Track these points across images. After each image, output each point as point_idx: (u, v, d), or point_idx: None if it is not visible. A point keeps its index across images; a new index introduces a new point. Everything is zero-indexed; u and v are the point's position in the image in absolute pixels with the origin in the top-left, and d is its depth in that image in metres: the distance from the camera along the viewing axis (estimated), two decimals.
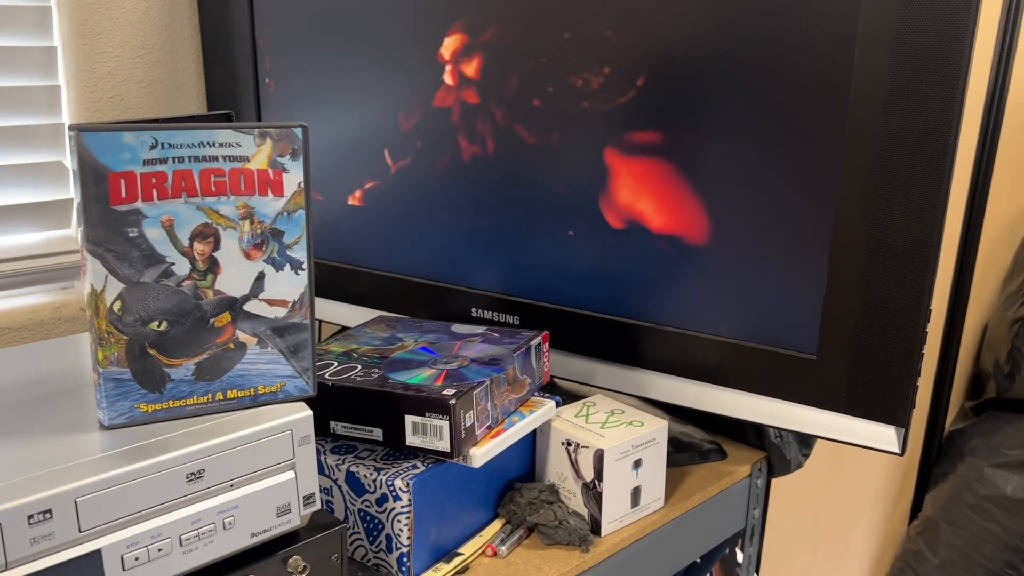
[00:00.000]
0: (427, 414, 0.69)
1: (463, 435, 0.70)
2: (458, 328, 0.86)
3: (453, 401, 0.68)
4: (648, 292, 0.84)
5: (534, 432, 0.82)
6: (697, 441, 0.94)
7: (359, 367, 0.75)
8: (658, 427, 0.80)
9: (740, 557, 1.00)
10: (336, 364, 0.76)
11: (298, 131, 0.56)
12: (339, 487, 0.73)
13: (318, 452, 0.74)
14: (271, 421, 0.57)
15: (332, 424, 0.73)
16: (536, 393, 0.83)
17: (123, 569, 0.51)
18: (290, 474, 0.59)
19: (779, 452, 0.95)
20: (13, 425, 0.56)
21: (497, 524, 0.79)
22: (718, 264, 0.79)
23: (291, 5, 1.01)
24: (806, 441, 0.97)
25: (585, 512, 0.79)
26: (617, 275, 0.86)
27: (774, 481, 1.21)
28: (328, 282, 1.07)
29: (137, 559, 0.52)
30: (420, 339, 0.83)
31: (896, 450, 0.73)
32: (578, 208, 0.86)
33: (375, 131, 0.98)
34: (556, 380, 1.07)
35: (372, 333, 0.86)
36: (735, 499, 0.92)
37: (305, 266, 0.58)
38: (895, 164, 0.68)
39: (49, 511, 0.48)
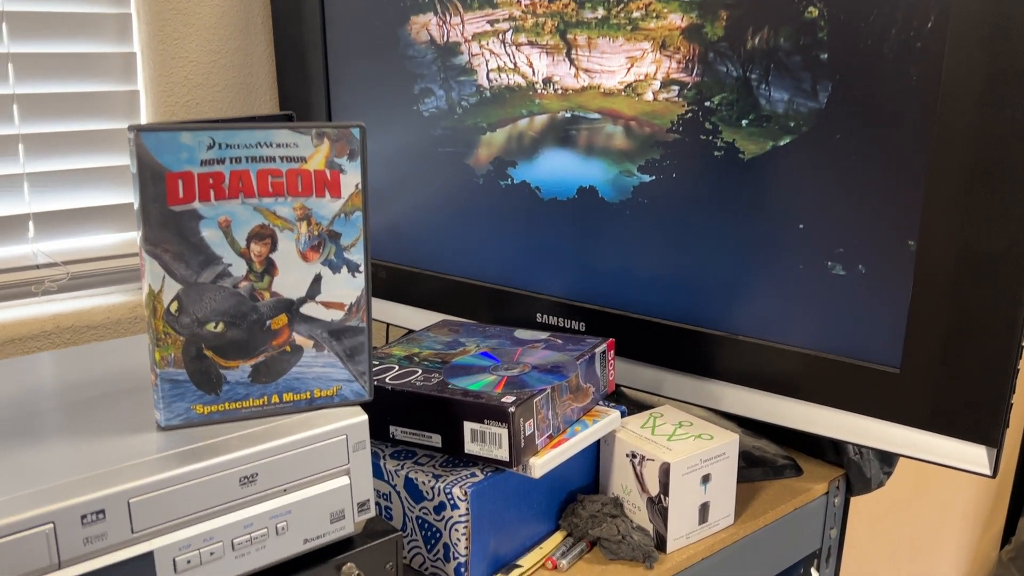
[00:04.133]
0: (486, 421, 0.68)
1: (522, 444, 0.68)
2: (521, 334, 0.85)
3: (512, 409, 0.66)
4: (722, 299, 0.81)
5: (598, 443, 0.80)
6: (771, 456, 0.90)
7: (420, 371, 0.74)
8: (728, 441, 0.77)
9: None
10: (397, 368, 0.76)
11: (356, 132, 0.55)
12: (398, 493, 0.71)
13: (377, 457, 0.73)
14: (326, 426, 0.57)
15: (392, 429, 0.72)
16: (600, 403, 0.80)
17: (175, 572, 0.51)
18: (344, 480, 0.58)
19: (859, 470, 0.90)
20: (74, 423, 0.57)
21: (558, 537, 0.77)
22: (796, 270, 0.76)
23: (362, 7, 1.01)
24: (888, 459, 0.92)
25: (650, 527, 0.76)
26: (689, 281, 0.83)
27: (853, 499, 1.15)
28: (395, 285, 1.07)
29: (189, 562, 0.51)
30: (482, 344, 0.81)
31: (987, 472, 0.68)
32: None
33: (445, 133, 0.97)
34: (623, 389, 1.04)
35: (435, 337, 0.85)
36: (811, 518, 0.88)
37: (362, 268, 0.57)
38: (987, 164, 0.63)
39: (102, 511, 0.48)
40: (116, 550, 0.49)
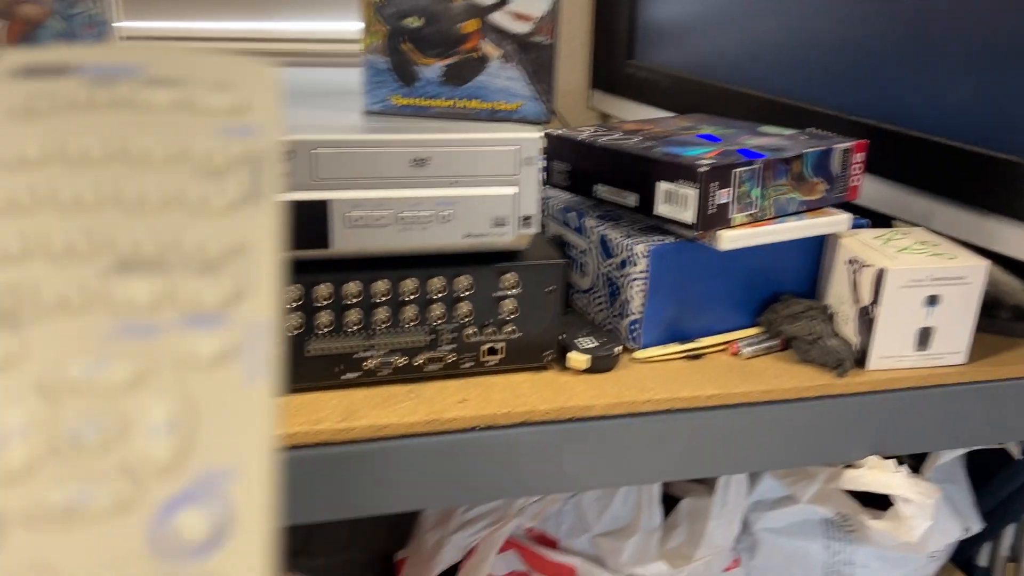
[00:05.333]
0: (678, 181, 0.66)
1: (712, 210, 0.66)
2: (765, 128, 0.80)
3: (704, 169, 0.64)
4: None
5: (822, 250, 0.74)
6: None
7: (638, 139, 0.74)
8: (973, 265, 0.67)
9: None
10: (619, 135, 0.76)
11: None
12: (593, 249, 0.73)
13: (581, 215, 0.75)
14: (501, 133, 0.60)
15: (595, 187, 0.74)
16: (835, 208, 0.74)
17: (345, 226, 0.58)
18: (511, 190, 0.61)
19: None
20: (299, 101, 0.66)
21: (751, 331, 0.73)
22: None
23: None
24: None
25: (856, 341, 0.70)
26: (988, 97, 0.71)
27: None
28: (664, 89, 1.05)
29: (359, 220, 0.59)
30: (717, 130, 0.78)
31: None
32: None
33: None
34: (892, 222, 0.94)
35: (674, 121, 0.83)
36: None
37: None
38: None
39: (293, 151, 0.56)
40: (300, 190, 0.57)
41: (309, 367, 0.61)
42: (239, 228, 0.18)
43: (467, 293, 0.63)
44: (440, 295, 0.62)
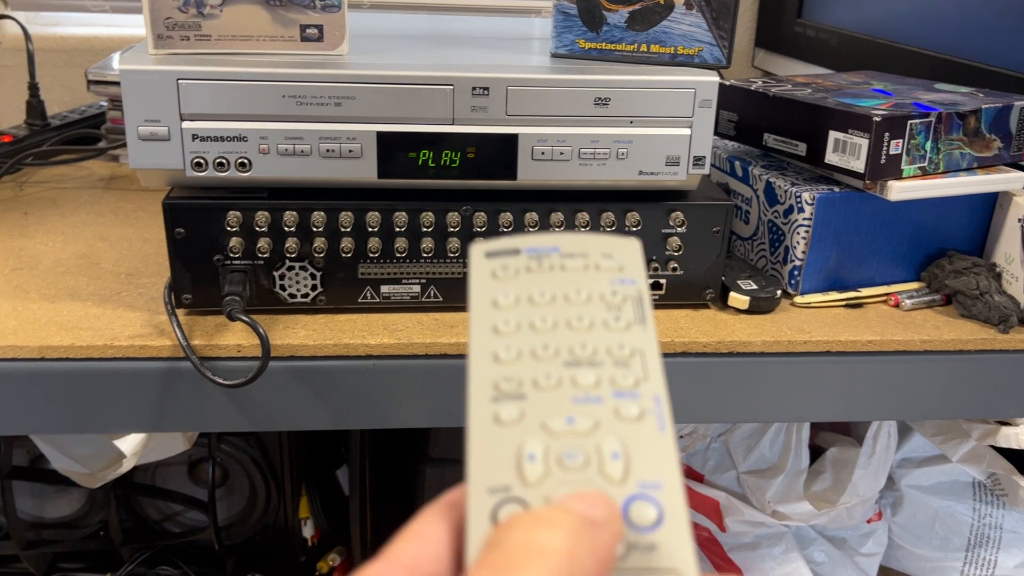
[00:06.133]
0: (850, 131, 0.68)
1: (883, 161, 0.67)
2: (941, 86, 0.79)
3: (878, 118, 0.65)
4: None
5: (992, 208, 0.74)
6: None
7: (809, 91, 0.76)
8: None
9: None
10: (790, 87, 0.78)
11: None
12: (757, 196, 0.76)
13: (748, 164, 0.77)
14: (680, 76, 0.63)
15: (765, 136, 0.76)
16: (1008, 166, 0.73)
17: (531, 158, 0.64)
18: (686, 131, 0.64)
19: None
20: (483, 43, 0.72)
21: (913, 284, 0.74)
22: None
23: None
24: None
25: (1022, 300, 0.69)
26: None
27: None
28: (833, 48, 1.04)
29: (543, 154, 0.63)
30: (890, 86, 0.79)
31: None
32: None
33: None
34: None
35: (846, 76, 0.84)
36: None
37: None
38: None
39: (487, 89, 0.62)
40: (493, 125, 0.63)
41: None
42: (635, 340, 0.30)
43: (635, 228, 0.67)
44: (610, 228, 0.66)
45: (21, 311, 0.65)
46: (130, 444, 0.69)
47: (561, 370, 0.29)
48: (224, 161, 0.61)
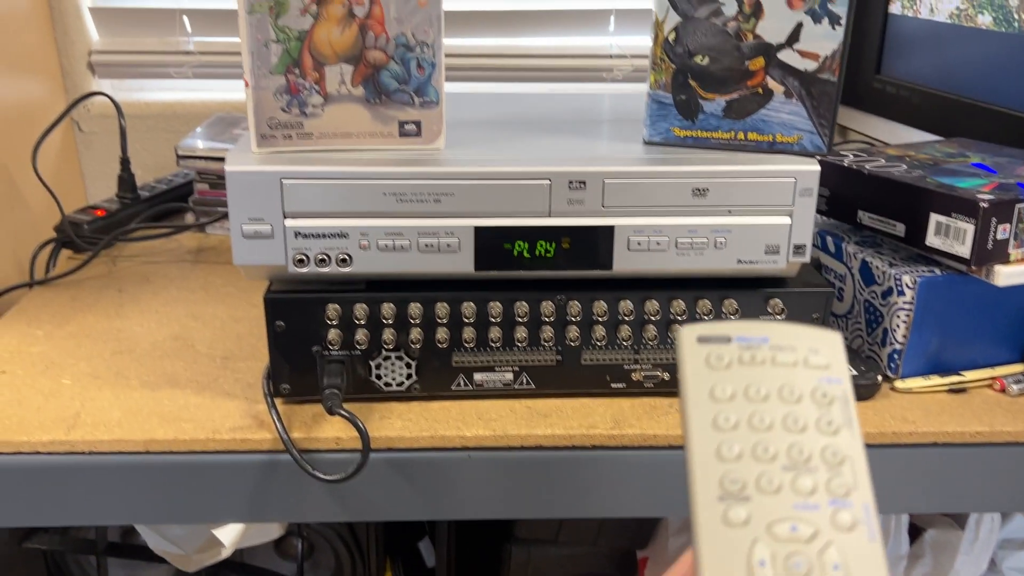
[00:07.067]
0: (953, 215, 0.66)
1: (990, 245, 0.65)
2: None
3: (985, 205, 0.64)
4: None
5: None
6: None
7: (904, 167, 0.74)
8: None
9: None
10: (883, 161, 0.76)
11: None
12: (852, 275, 0.74)
13: (841, 240, 0.76)
14: (780, 165, 0.62)
15: (860, 213, 0.74)
16: None
17: (627, 248, 0.63)
18: (786, 219, 0.63)
19: None
20: (576, 130, 0.71)
21: (1018, 366, 0.72)
22: None
23: None
24: None
25: None
26: None
27: None
28: (915, 106, 1.02)
29: (639, 244, 0.63)
30: (987, 159, 0.77)
31: None
32: None
33: None
34: None
35: (938, 147, 0.82)
36: None
37: (843, 21, 0.60)
38: None
39: (584, 182, 0.62)
40: (589, 216, 0.63)
41: (584, 375, 0.67)
42: (845, 445, 0.30)
43: (734, 316, 0.66)
44: (707, 316, 0.66)
45: (124, 400, 0.66)
46: (229, 534, 0.69)
47: (781, 474, 0.29)
48: (325, 257, 0.62)
